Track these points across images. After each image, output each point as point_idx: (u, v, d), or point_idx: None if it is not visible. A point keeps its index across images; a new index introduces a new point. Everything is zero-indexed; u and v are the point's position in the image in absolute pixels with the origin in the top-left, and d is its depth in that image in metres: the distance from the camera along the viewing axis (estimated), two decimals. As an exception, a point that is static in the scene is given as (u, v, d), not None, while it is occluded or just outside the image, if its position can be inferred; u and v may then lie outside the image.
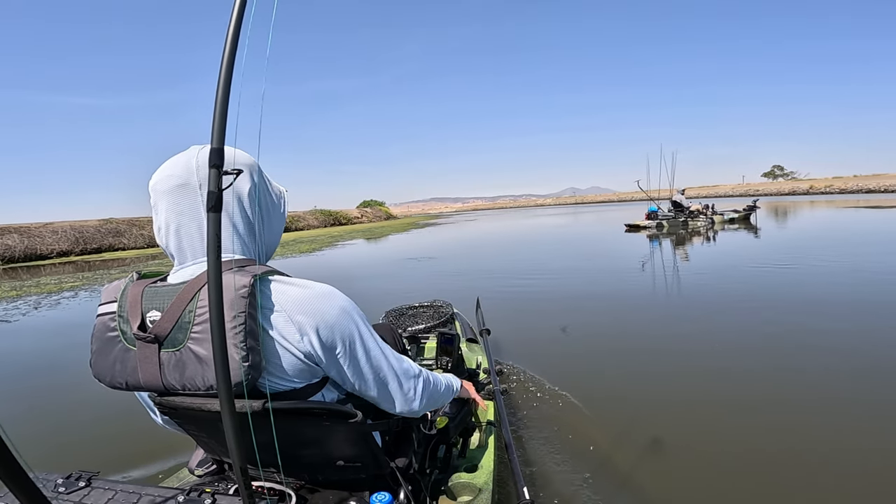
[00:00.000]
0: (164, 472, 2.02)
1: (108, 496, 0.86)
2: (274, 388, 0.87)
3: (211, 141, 0.62)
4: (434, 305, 2.79)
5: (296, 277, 0.92)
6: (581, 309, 4.99)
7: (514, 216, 43.85)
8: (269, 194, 1.00)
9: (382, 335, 1.39)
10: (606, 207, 53.37)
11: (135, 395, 0.98)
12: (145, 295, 0.87)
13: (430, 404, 1.11)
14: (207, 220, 0.65)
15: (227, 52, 0.61)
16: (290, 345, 0.85)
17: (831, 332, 3.62)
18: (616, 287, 6.10)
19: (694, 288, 5.87)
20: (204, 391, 0.83)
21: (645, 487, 1.86)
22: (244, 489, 0.70)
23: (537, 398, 2.69)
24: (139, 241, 24.35)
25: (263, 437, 0.84)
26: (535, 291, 6.05)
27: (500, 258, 10.37)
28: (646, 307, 4.94)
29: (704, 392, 2.72)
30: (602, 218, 27.37)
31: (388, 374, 0.99)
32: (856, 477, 1.84)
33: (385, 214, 56.68)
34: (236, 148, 0.96)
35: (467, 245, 14.95)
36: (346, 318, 0.90)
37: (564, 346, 3.75)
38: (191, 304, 0.82)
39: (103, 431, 2.67)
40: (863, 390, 2.59)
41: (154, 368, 0.85)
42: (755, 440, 2.15)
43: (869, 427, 2.20)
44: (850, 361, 2.99)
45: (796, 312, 4.26)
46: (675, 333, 3.92)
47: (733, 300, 4.92)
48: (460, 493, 1.37)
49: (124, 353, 0.87)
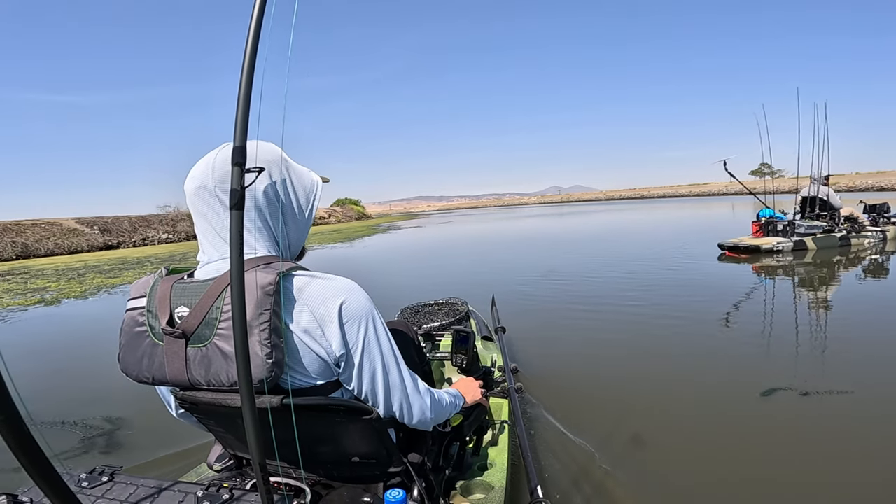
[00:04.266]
0: (184, 467, 2.05)
1: (130, 491, 0.87)
2: (295, 385, 0.87)
3: (234, 139, 0.63)
4: (449, 303, 2.78)
5: (318, 272, 0.92)
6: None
7: (499, 216, 39.17)
8: (296, 190, 0.99)
9: (399, 331, 1.39)
10: (598, 207, 47.39)
11: (154, 388, 1.00)
12: (174, 291, 0.88)
13: (435, 420, 1.10)
14: (230, 217, 0.65)
15: (248, 50, 0.62)
16: (312, 340, 0.86)
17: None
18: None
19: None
20: (228, 387, 0.84)
21: (662, 487, 1.84)
22: (262, 484, 0.70)
23: (553, 397, 2.68)
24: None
25: (281, 433, 0.84)
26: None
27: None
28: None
29: (723, 403, 2.68)
30: (620, 223, 19.68)
31: (396, 380, 0.97)
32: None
33: (358, 214, 51.78)
34: (262, 141, 0.96)
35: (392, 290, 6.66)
36: (367, 313, 0.91)
37: (583, 348, 3.72)
38: (218, 300, 0.83)
39: (124, 426, 2.71)
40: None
41: (181, 363, 0.86)
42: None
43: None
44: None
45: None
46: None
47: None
48: (474, 491, 1.37)
49: (152, 349, 0.89)
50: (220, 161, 0.90)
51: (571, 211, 40.94)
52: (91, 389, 3.39)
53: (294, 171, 0.99)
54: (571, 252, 10.17)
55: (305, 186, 1.01)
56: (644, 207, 37.56)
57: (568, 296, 5.56)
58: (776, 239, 7.71)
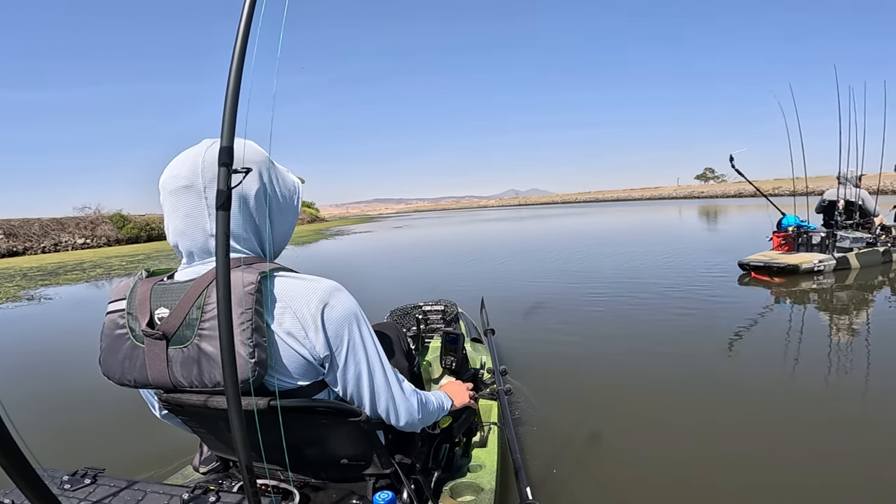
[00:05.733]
0: (170, 470, 2.03)
1: (113, 493, 0.86)
2: (280, 387, 0.87)
3: (221, 139, 0.62)
4: (439, 305, 2.78)
5: (303, 273, 0.92)
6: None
7: (457, 219, 36.15)
8: (280, 190, 0.98)
9: (387, 333, 1.38)
10: (558, 211, 43.38)
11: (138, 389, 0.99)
12: (154, 292, 0.87)
13: (422, 422, 1.10)
14: (216, 218, 0.65)
15: (237, 49, 0.61)
16: (294, 341, 0.85)
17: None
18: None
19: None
20: (211, 388, 0.83)
21: (654, 490, 1.85)
22: (249, 486, 0.70)
23: (542, 399, 2.68)
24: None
25: (268, 435, 0.84)
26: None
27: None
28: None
29: (708, 406, 2.71)
30: (596, 229, 17.21)
31: (381, 382, 0.96)
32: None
33: (310, 217, 48.59)
34: (246, 140, 0.95)
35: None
36: (351, 315, 0.90)
37: (571, 349, 3.74)
38: (198, 300, 0.82)
39: (108, 429, 2.68)
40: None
41: (162, 365, 0.85)
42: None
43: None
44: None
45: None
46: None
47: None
48: (463, 493, 1.37)
49: (132, 351, 0.88)
50: (210, 161, 0.88)
51: (533, 215, 36.58)
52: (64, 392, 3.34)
53: (279, 172, 0.99)
54: (552, 278, 6.98)
55: (289, 187, 1.01)
56: (605, 210, 36.06)
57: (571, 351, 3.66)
58: (817, 256, 5.88)
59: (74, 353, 4.39)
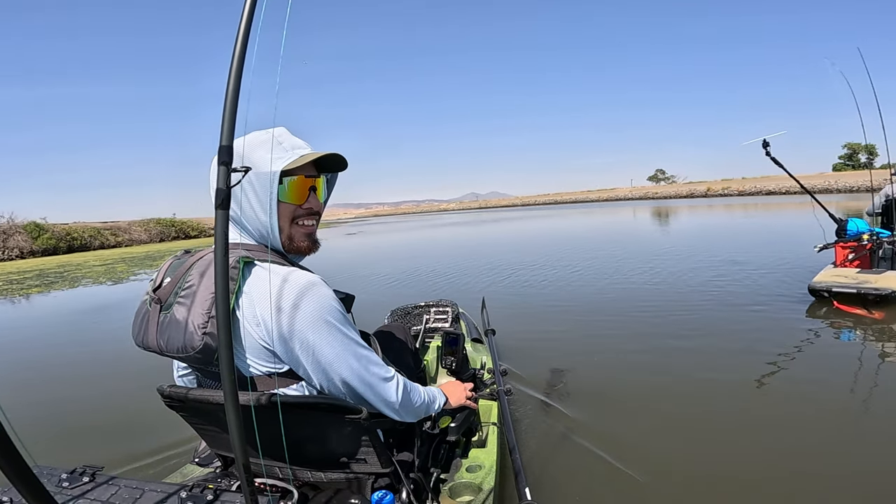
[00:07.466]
0: (169, 467, 2.03)
1: (112, 491, 0.86)
2: (250, 373, 0.92)
3: (220, 138, 0.62)
4: (439, 305, 2.78)
5: (292, 266, 0.95)
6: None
7: (416, 224, 33.91)
8: (259, 182, 0.97)
9: (395, 334, 1.39)
10: (519, 213, 41.30)
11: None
12: (172, 265, 0.97)
13: (407, 412, 1.08)
14: (216, 216, 0.65)
15: (237, 50, 0.61)
16: (251, 327, 0.89)
17: None
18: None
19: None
20: (174, 353, 0.90)
21: (653, 491, 1.85)
22: (246, 485, 0.70)
23: (542, 400, 2.68)
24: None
25: (268, 434, 0.84)
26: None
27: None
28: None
29: (708, 407, 2.70)
30: (566, 231, 15.58)
31: (351, 375, 0.96)
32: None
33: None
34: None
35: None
36: (312, 314, 0.90)
37: (571, 347, 3.73)
38: (187, 273, 0.91)
39: (107, 427, 2.68)
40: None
41: (154, 328, 0.92)
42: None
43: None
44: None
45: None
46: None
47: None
48: (462, 493, 1.37)
49: (146, 314, 0.96)
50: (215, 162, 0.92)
51: (494, 218, 33.92)
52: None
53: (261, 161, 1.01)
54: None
55: (267, 176, 1.03)
56: (566, 213, 34.04)
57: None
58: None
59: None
